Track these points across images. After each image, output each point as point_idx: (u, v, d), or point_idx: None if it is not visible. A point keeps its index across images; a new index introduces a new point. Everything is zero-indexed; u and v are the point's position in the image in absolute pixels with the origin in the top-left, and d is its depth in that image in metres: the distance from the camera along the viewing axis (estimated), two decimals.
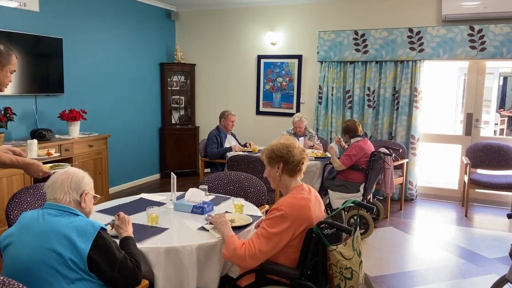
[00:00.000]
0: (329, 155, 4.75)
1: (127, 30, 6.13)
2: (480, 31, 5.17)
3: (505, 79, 11.01)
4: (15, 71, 2.46)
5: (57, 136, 4.90)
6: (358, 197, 4.30)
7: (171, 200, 2.86)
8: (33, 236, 1.72)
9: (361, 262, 2.06)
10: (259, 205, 3.09)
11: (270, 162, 2.22)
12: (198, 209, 2.65)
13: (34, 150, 2.70)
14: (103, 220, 2.41)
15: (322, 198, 2.55)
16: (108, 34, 5.79)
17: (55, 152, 3.01)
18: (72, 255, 1.69)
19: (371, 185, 4.42)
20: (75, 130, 4.94)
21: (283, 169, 2.18)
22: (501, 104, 10.68)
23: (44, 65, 4.84)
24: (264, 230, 2.01)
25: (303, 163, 2.21)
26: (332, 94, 6.03)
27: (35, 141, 2.86)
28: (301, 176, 2.24)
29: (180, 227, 2.46)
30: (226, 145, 5.25)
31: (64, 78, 5.07)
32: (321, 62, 6.08)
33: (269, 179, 2.28)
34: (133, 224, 2.29)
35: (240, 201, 2.72)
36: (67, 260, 1.68)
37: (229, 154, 4.83)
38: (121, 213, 2.15)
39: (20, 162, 2.44)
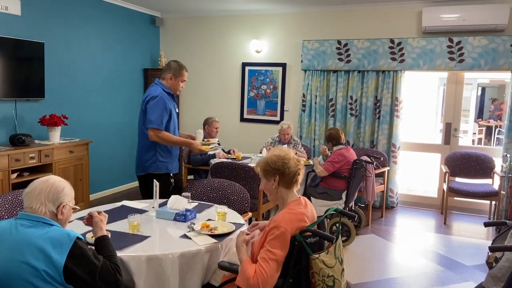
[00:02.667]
0: (312, 162, 4.79)
1: (111, 35, 6.09)
2: (458, 43, 5.31)
3: (483, 89, 11.31)
4: (185, 81, 3.48)
5: (36, 141, 4.80)
6: (340, 204, 4.34)
7: (153, 207, 2.84)
8: (6, 249, 1.68)
9: (343, 270, 2.07)
10: (242, 212, 3.09)
11: (266, 175, 2.18)
12: (181, 217, 2.64)
13: (200, 138, 3.69)
14: (83, 228, 2.37)
15: None
16: (91, 39, 5.74)
17: (215, 141, 4.02)
18: (46, 267, 1.64)
19: (353, 193, 4.47)
20: (55, 135, 4.86)
21: (279, 181, 2.15)
22: (479, 114, 10.95)
23: (25, 69, 4.77)
24: (270, 253, 1.96)
25: (299, 174, 2.18)
26: (315, 102, 6.09)
27: (201, 130, 3.90)
28: (297, 187, 2.21)
29: (162, 235, 2.45)
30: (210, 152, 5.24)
31: (45, 83, 5.00)
32: (305, 71, 6.14)
33: (265, 191, 2.24)
34: (114, 232, 2.27)
35: (223, 208, 2.72)
36: (42, 273, 1.63)
37: (213, 161, 4.82)
38: (102, 211, 2.13)
39: (186, 142, 3.52)
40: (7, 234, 1.71)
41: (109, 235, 2.06)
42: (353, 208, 4.77)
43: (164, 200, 2.96)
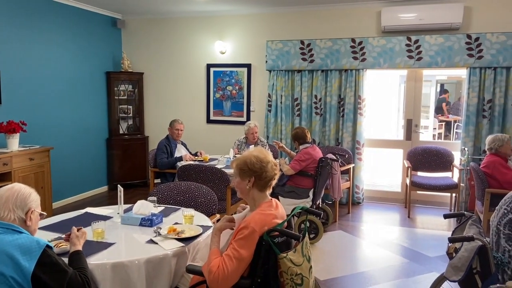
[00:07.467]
0: (278, 162, 4.83)
1: (70, 38, 5.91)
2: (416, 41, 5.49)
3: (442, 86, 11.73)
4: None
5: None
6: (307, 202, 4.40)
7: (118, 213, 2.79)
8: None
9: (311, 267, 2.10)
10: (209, 214, 3.08)
11: (241, 174, 2.16)
12: (147, 222, 2.60)
13: None
14: (46, 237, 2.30)
15: None
16: (50, 42, 5.55)
17: None
18: (14, 274, 1.63)
19: (319, 191, 4.54)
20: (14, 142, 4.67)
21: (254, 183, 2.15)
22: (439, 110, 11.34)
23: None
24: (236, 251, 1.97)
25: (274, 179, 2.19)
26: (281, 102, 6.14)
27: None
28: (270, 191, 2.21)
29: (127, 241, 2.40)
30: (177, 154, 5.18)
31: (1, 88, 4.80)
32: (270, 71, 6.18)
33: (236, 189, 2.23)
34: None
35: (190, 211, 2.70)
36: (9, 279, 1.62)
37: (180, 164, 4.77)
38: (82, 228, 2.17)
39: None
40: None
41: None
42: (320, 206, 4.84)
43: (130, 205, 2.91)
